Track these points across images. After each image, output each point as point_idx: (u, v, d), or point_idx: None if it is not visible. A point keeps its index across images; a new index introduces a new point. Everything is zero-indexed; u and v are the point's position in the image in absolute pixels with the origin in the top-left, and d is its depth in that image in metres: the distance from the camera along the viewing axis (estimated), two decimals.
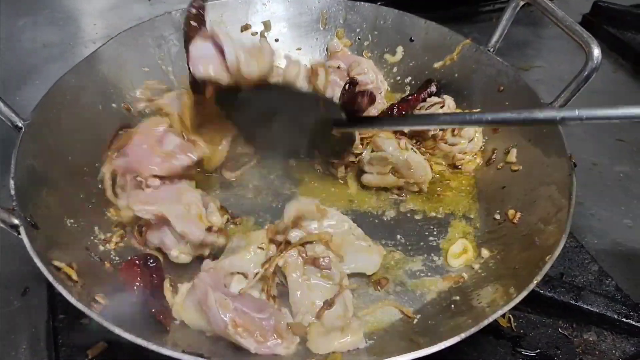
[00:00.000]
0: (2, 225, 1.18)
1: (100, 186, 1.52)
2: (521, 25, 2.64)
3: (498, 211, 1.57)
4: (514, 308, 1.17)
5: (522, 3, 1.70)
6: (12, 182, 1.28)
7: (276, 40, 2.04)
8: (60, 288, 1.11)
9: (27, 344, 1.37)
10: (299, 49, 2.07)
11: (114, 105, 1.70)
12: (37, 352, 1.35)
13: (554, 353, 1.33)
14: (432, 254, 1.51)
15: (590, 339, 1.37)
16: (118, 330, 1.05)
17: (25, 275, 1.46)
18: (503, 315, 1.22)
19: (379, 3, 2.26)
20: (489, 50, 1.78)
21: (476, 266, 1.44)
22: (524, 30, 2.66)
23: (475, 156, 1.73)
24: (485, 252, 1.46)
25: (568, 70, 2.39)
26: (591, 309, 1.37)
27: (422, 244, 1.54)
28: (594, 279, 1.49)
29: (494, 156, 1.71)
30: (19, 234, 1.19)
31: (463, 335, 1.08)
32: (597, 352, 1.34)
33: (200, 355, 1.04)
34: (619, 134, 2.08)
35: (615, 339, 1.37)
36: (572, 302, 1.38)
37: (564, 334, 1.37)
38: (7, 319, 1.41)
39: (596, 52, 1.43)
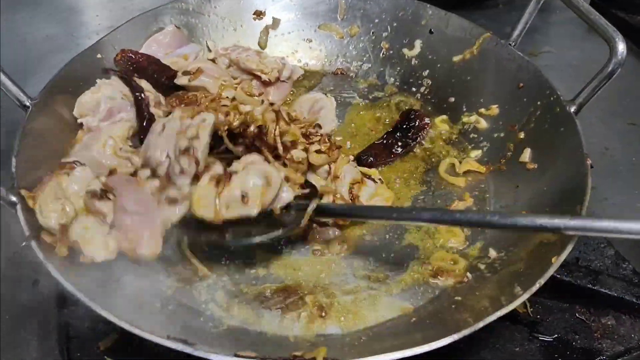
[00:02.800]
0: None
1: None
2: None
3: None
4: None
5: None
6: (14, 159, 1.29)
7: (289, 33, 2.04)
8: (51, 269, 1.12)
9: (37, 336, 1.36)
10: (310, 40, 2.04)
11: None
12: (47, 343, 1.34)
13: (572, 338, 1.32)
14: None
15: (609, 323, 1.35)
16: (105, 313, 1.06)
17: (35, 267, 1.45)
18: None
19: None
20: (510, 44, 1.72)
21: (482, 266, 1.39)
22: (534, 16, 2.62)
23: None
24: (492, 252, 1.41)
25: (578, 55, 2.39)
26: (609, 292, 1.35)
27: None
28: (610, 263, 1.47)
29: (508, 153, 1.65)
30: (16, 211, 1.20)
31: (455, 337, 1.06)
32: (615, 337, 1.33)
33: (184, 342, 1.03)
34: (632, 117, 2.06)
35: (635, 322, 1.35)
36: (590, 286, 1.36)
37: (582, 319, 1.36)
38: (17, 310, 1.40)
39: (621, 47, 1.38)
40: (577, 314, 1.37)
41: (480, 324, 1.08)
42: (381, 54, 2.02)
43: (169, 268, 1.35)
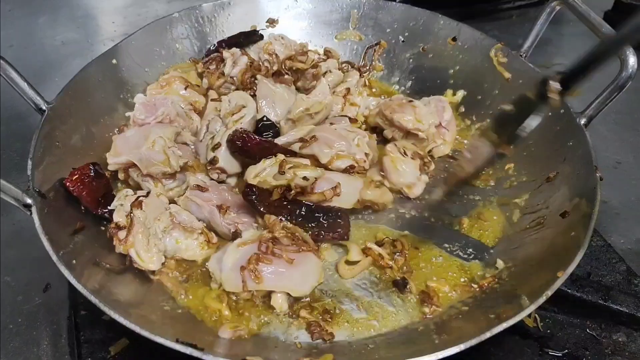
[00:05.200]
0: (15, 203, 1.20)
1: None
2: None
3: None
4: (540, 308, 1.14)
5: (557, 8, 1.64)
6: (30, 162, 1.31)
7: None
8: (63, 269, 1.12)
9: (48, 340, 1.37)
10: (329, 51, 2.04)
11: (129, 99, 1.72)
12: (58, 348, 1.36)
13: (582, 354, 1.30)
14: None
15: (620, 339, 1.34)
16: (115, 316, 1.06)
17: (46, 272, 1.47)
18: (529, 315, 1.19)
19: (397, 0, 2.25)
20: (521, 56, 1.72)
21: (490, 277, 1.38)
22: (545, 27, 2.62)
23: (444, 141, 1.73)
24: (500, 263, 1.40)
25: None
26: (621, 309, 1.34)
27: None
28: (622, 279, 1.45)
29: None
30: (31, 213, 1.20)
31: (462, 347, 1.05)
32: (626, 353, 1.31)
33: (194, 346, 1.03)
34: None
35: None
36: (601, 301, 1.35)
37: (592, 334, 1.35)
38: (28, 315, 1.42)
39: (632, 60, 1.38)
40: (587, 330, 1.35)
41: (487, 334, 1.08)
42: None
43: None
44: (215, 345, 1.16)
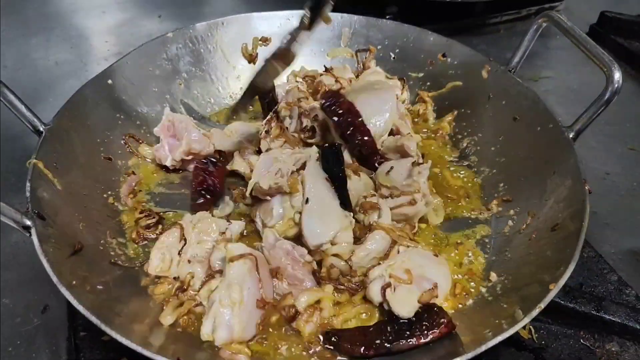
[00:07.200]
0: (14, 225, 1.20)
1: (110, 193, 1.58)
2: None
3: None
4: (535, 319, 1.16)
5: (544, 24, 1.67)
6: (28, 184, 1.31)
7: None
8: (64, 290, 1.12)
9: None
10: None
11: (123, 117, 1.75)
12: None
13: None
14: None
15: (613, 349, 1.36)
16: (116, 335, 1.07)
17: (45, 293, 1.47)
18: (524, 327, 1.21)
19: (387, 17, 2.29)
20: (509, 71, 1.76)
21: (483, 290, 1.41)
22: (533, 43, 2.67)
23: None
24: (493, 276, 1.42)
25: (577, 80, 2.43)
26: (613, 319, 1.37)
27: None
28: (613, 289, 1.48)
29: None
30: (30, 234, 1.21)
31: None
32: None
33: None
34: (632, 143, 2.09)
35: (639, 349, 1.36)
36: (594, 312, 1.37)
37: (586, 345, 1.37)
38: (27, 336, 1.41)
39: (617, 75, 1.41)
40: (581, 340, 1.37)
41: (482, 348, 1.10)
42: None
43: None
44: None
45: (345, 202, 1.45)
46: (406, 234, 1.45)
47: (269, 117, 1.75)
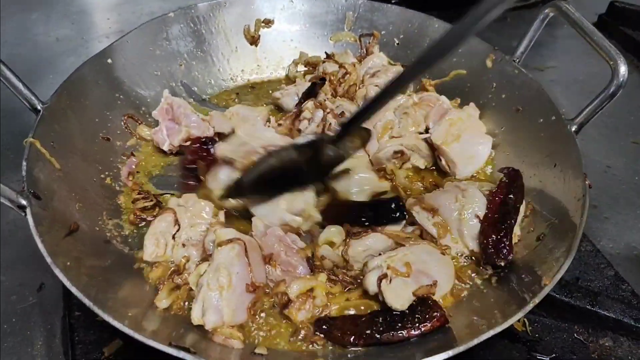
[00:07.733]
0: (9, 204, 1.20)
1: (108, 173, 1.57)
2: None
3: None
4: (529, 312, 1.16)
5: (551, 14, 1.64)
6: (24, 163, 1.30)
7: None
8: (58, 272, 1.12)
9: (42, 341, 1.38)
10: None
11: (122, 97, 1.74)
12: (52, 348, 1.36)
13: (569, 358, 1.33)
14: None
15: (607, 344, 1.36)
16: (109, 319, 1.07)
17: (41, 271, 1.47)
18: (518, 320, 1.21)
19: (392, 2, 2.25)
20: (514, 61, 1.73)
21: (478, 281, 1.40)
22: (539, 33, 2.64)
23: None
24: (489, 268, 1.40)
25: (583, 70, 2.40)
26: (608, 314, 1.36)
27: None
28: (609, 284, 1.47)
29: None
30: (25, 214, 1.20)
31: (450, 353, 1.06)
32: (613, 358, 1.34)
33: (187, 350, 1.04)
34: (635, 136, 2.07)
35: (632, 345, 1.36)
36: (589, 307, 1.37)
37: (580, 339, 1.37)
38: (22, 315, 1.42)
39: (622, 69, 1.39)
40: (575, 334, 1.37)
41: (475, 341, 1.10)
42: None
43: None
44: (209, 349, 1.17)
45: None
46: (415, 236, 1.44)
47: (290, 113, 1.74)
